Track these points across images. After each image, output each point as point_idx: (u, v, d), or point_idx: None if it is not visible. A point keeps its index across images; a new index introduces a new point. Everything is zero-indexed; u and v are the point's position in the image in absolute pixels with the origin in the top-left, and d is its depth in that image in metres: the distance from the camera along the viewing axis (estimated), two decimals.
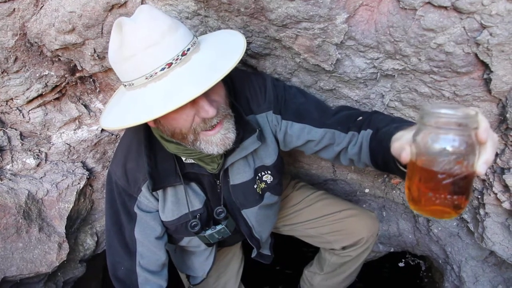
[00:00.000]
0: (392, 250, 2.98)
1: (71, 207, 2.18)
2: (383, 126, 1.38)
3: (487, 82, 1.44)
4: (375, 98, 1.71)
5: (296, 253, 3.84)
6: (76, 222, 2.34)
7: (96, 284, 3.10)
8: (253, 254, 2.07)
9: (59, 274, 2.37)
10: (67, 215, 2.18)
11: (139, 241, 1.67)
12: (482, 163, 0.85)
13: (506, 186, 1.74)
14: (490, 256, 2.20)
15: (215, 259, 2.01)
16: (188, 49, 1.22)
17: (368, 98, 1.72)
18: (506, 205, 1.80)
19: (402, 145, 0.95)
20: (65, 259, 2.18)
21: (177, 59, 1.19)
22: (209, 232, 1.74)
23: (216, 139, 1.36)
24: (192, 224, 1.69)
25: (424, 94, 1.58)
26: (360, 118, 1.53)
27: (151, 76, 1.19)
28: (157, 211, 1.68)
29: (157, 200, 1.66)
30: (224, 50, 1.29)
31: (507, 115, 1.49)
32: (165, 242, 1.75)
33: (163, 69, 1.18)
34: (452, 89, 1.50)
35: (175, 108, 1.14)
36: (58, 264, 2.16)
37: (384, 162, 1.31)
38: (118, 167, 1.62)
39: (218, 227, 1.74)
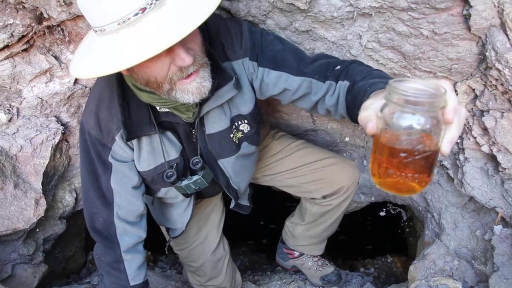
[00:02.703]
0: (373, 199, 3.01)
1: (46, 162, 2.14)
2: (359, 79, 1.35)
3: (467, 18, 1.41)
4: (352, 39, 1.67)
5: (280, 208, 3.87)
6: (53, 179, 2.30)
7: (78, 241, 3.10)
8: (232, 205, 2.06)
9: (38, 230, 2.35)
10: (43, 171, 2.14)
11: (116, 191, 1.65)
12: (446, 142, 0.83)
13: (485, 129, 1.74)
14: (469, 202, 2.22)
15: (194, 210, 2.00)
16: None
17: (345, 39, 1.67)
18: (485, 148, 1.81)
19: (369, 116, 0.90)
20: (42, 215, 2.16)
21: (151, 4, 1.12)
22: (185, 182, 1.72)
23: (192, 88, 1.32)
24: (168, 174, 1.67)
25: (402, 33, 1.54)
26: (338, 67, 1.48)
27: (123, 21, 1.12)
28: (133, 160, 1.65)
29: (132, 149, 1.62)
30: None
31: (487, 53, 1.46)
32: (143, 192, 1.73)
33: (136, 14, 1.11)
34: (431, 27, 1.46)
35: (152, 56, 1.08)
36: (35, 221, 2.14)
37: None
38: (90, 116, 1.58)
39: (195, 178, 1.72)
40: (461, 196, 2.23)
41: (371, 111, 0.90)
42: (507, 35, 1.39)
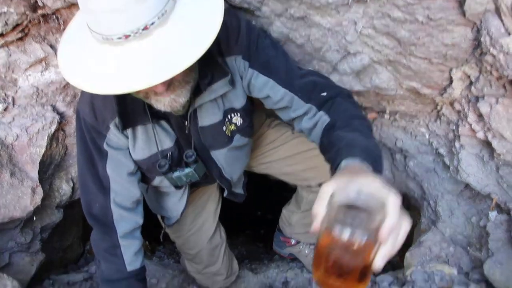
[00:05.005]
0: None
1: (43, 151, 2.13)
2: (340, 125, 1.37)
3: (461, 3, 1.41)
4: (348, 26, 1.67)
5: (277, 199, 3.88)
6: (49, 168, 2.30)
7: (76, 231, 3.11)
8: (225, 194, 2.08)
9: (35, 219, 2.35)
10: (40, 160, 2.14)
11: (112, 178, 1.66)
12: (379, 258, 0.84)
13: (480, 115, 1.74)
14: (465, 189, 2.23)
15: (189, 200, 2.01)
16: (153, 23, 1.12)
17: (340, 26, 1.67)
18: (480, 135, 1.81)
19: (319, 214, 0.91)
20: (39, 204, 2.16)
21: (136, 33, 1.11)
22: (177, 174, 1.73)
23: (165, 100, 1.35)
24: (160, 164, 1.68)
25: (397, 19, 1.54)
26: (324, 93, 1.49)
27: (107, 39, 1.13)
28: (128, 148, 1.66)
29: (127, 138, 1.63)
30: (195, 30, 1.18)
31: (481, 39, 1.47)
32: (139, 179, 1.74)
33: (119, 38, 1.12)
34: (426, 12, 1.46)
35: (128, 92, 1.14)
36: (32, 209, 2.14)
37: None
38: (85, 104, 1.59)
39: (187, 170, 1.73)
40: (457, 184, 2.24)
41: (322, 208, 0.91)
42: (501, 20, 1.39)
